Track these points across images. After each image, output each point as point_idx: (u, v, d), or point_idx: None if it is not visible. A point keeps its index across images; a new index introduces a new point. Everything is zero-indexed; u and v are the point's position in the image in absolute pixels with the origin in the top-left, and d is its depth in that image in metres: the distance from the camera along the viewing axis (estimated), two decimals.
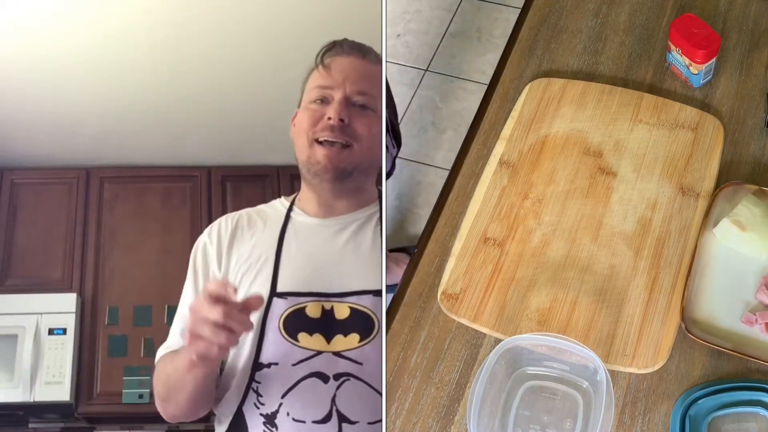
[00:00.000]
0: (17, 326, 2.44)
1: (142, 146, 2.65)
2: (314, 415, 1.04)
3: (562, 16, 1.54)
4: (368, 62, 1.18)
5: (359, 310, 1.08)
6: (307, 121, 1.14)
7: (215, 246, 1.16)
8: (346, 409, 1.05)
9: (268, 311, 1.09)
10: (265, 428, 1.06)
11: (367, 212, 1.17)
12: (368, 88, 1.16)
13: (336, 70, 1.15)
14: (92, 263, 2.63)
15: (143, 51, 2.13)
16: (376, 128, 1.17)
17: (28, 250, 2.63)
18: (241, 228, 1.18)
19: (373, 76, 1.18)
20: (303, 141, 1.14)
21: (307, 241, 1.15)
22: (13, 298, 2.50)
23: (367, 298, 1.09)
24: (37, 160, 2.70)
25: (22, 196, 2.70)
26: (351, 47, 1.17)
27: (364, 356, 1.06)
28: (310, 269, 1.12)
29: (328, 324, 1.08)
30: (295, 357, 1.06)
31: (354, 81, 1.14)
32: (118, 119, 2.46)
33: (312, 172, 1.14)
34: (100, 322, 2.56)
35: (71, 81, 2.26)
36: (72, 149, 2.66)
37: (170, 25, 2.04)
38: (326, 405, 1.05)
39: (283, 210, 1.19)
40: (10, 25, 2.02)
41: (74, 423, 2.55)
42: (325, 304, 1.09)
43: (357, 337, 1.07)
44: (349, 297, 1.09)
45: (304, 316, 1.08)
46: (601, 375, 1.04)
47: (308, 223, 1.17)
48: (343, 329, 1.07)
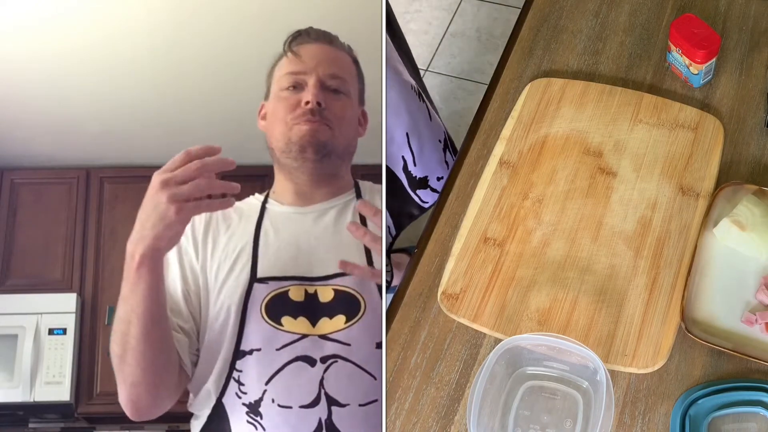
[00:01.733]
0: (17, 326, 2.45)
1: (142, 146, 2.65)
2: (301, 400, 1.01)
3: (562, 16, 1.54)
4: (336, 48, 1.17)
5: (344, 291, 1.06)
6: (282, 109, 1.12)
7: (191, 241, 1.13)
8: (336, 391, 1.02)
9: (248, 297, 1.06)
10: (248, 418, 1.02)
11: (344, 199, 1.16)
12: (340, 72, 1.15)
13: (306, 56, 1.14)
14: (92, 263, 2.63)
15: (143, 51, 2.13)
16: (351, 112, 1.16)
17: (28, 250, 2.64)
18: (215, 222, 1.15)
19: (342, 61, 1.17)
20: (281, 128, 1.12)
21: (285, 229, 1.13)
22: (13, 298, 2.50)
23: (350, 278, 1.06)
24: (37, 160, 2.71)
25: (22, 196, 2.70)
26: (317, 34, 1.17)
27: (351, 337, 1.04)
28: (291, 254, 1.10)
29: (312, 307, 1.05)
30: (279, 341, 1.03)
31: (326, 65, 1.14)
32: (118, 119, 2.46)
33: (293, 153, 1.11)
34: (100, 322, 2.56)
35: (71, 81, 2.26)
36: (72, 149, 2.66)
37: (170, 25, 2.04)
38: (314, 389, 1.02)
39: (258, 203, 1.17)
40: (10, 25, 2.02)
41: (74, 423, 2.56)
42: (308, 288, 1.06)
43: (343, 318, 1.04)
44: (333, 279, 1.07)
45: (287, 299, 1.05)
46: (601, 375, 1.04)
47: (284, 212, 1.15)
48: (329, 311, 1.05)
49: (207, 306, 1.09)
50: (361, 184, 1.20)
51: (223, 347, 1.06)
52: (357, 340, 1.04)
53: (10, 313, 2.47)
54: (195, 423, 1.09)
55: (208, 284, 1.10)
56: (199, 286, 1.10)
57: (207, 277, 1.10)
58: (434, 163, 1.80)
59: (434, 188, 1.84)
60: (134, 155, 2.70)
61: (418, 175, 1.76)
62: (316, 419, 1.01)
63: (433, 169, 1.80)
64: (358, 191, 1.17)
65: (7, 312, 2.47)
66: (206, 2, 1.99)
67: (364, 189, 1.19)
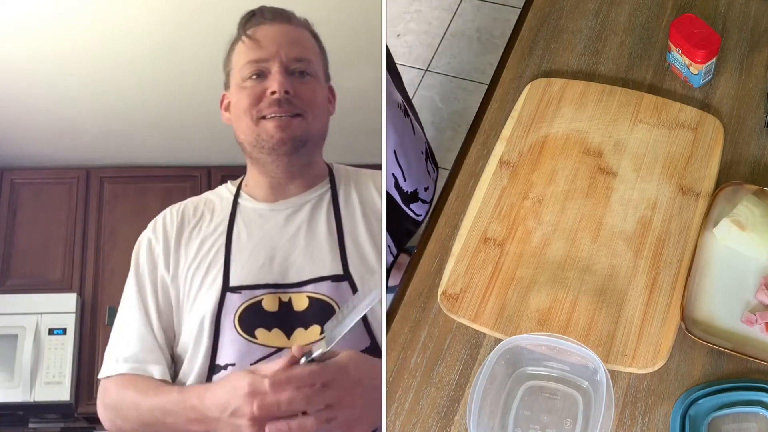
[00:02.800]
0: (17, 326, 2.44)
1: (142, 146, 2.65)
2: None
3: (562, 16, 1.54)
4: (295, 26, 1.10)
5: (318, 298, 1.01)
6: (246, 100, 1.06)
7: (161, 244, 1.10)
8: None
9: (221, 308, 1.02)
10: None
11: (318, 192, 1.11)
12: (303, 53, 1.08)
13: (265, 40, 1.07)
14: (92, 263, 2.63)
15: (143, 51, 2.13)
16: (321, 94, 1.10)
17: (28, 250, 2.63)
18: (187, 220, 1.11)
19: (304, 40, 1.10)
20: (246, 121, 1.06)
21: (258, 230, 1.08)
22: (13, 298, 2.50)
23: (325, 285, 1.02)
24: (37, 160, 2.71)
25: (22, 196, 2.70)
26: (273, 13, 1.09)
27: None
28: (263, 259, 1.05)
29: (286, 317, 1.01)
30: (253, 356, 0.99)
31: (288, 48, 1.06)
32: (118, 119, 2.46)
33: (266, 149, 1.06)
34: (100, 322, 2.56)
35: (71, 81, 2.26)
36: (72, 149, 2.66)
37: (170, 24, 2.04)
38: None
39: (230, 197, 1.12)
40: (10, 25, 2.02)
41: (74, 423, 2.55)
42: (282, 296, 1.02)
43: (318, 329, 1.00)
44: (307, 286, 1.02)
45: (260, 310, 1.01)
46: (601, 375, 1.04)
47: (258, 209, 1.10)
48: (303, 322, 1.00)
49: (180, 316, 1.07)
50: (335, 168, 1.14)
51: (199, 360, 1.02)
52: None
53: (10, 313, 2.47)
54: None
55: (180, 295, 1.07)
56: (170, 300, 1.07)
57: (179, 287, 1.07)
58: (420, 175, 1.79)
59: (423, 199, 1.83)
60: (134, 155, 2.70)
61: (409, 189, 1.75)
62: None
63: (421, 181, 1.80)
64: (332, 179, 1.12)
65: (7, 312, 2.47)
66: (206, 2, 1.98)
67: (339, 175, 1.14)
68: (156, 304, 1.07)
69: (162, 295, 1.08)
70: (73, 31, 2.06)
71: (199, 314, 1.03)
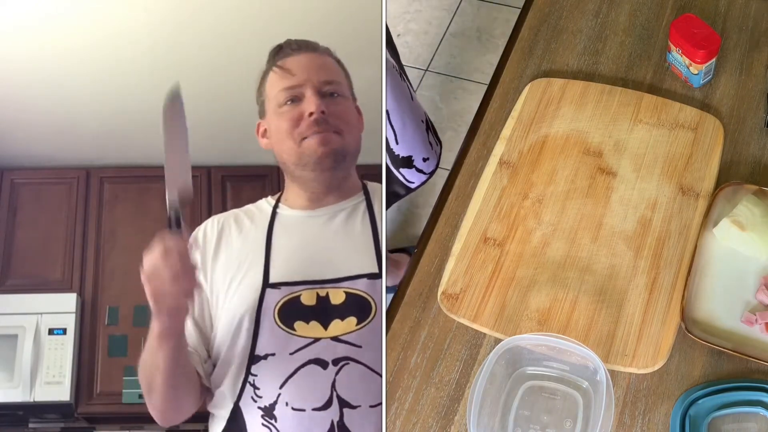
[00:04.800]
0: (17, 326, 2.44)
1: (142, 146, 2.65)
2: (314, 403, 1.03)
3: (562, 16, 1.54)
4: (320, 54, 1.17)
5: (355, 294, 1.07)
6: (286, 124, 1.12)
7: (200, 252, 1.15)
8: (347, 393, 1.03)
9: (262, 303, 1.08)
10: (263, 421, 1.05)
11: (353, 202, 1.17)
12: (332, 76, 1.15)
13: (295, 68, 1.14)
14: (92, 263, 2.63)
15: (143, 51, 2.13)
16: (352, 112, 1.17)
17: (28, 250, 2.63)
18: (228, 228, 1.17)
19: (330, 65, 1.17)
20: (289, 144, 1.12)
21: (296, 233, 1.14)
22: (13, 298, 2.50)
23: (361, 282, 1.08)
24: (37, 160, 2.70)
25: (22, 196, 2.70)
26: (299, 45, 1.17)
27: (362, 339, 1.05)
28: (302, 259, 1.11)
29: (324, 310, 1.07)
30: (292, 346, 1.05)
31: (317, 72, 1.14)
32: (118, 119, 2.46)
33: (310, 165, 1.12)
34: (100, 322, 2.56)
35: (71, 81, 2.26)
36: (72, 149, 2.66)
37: (170, 24, 2.04)
38: (326, 391, 1.03)
39: (269, 208, 1.18)
40: (10, 25, 2.02)
41: (74, 423, 2.56)
42: (319, 291, 1.08)
43: (354, 320, 1.06)
44: (344, 282, 1.08)
45: (299, 304, 1.07)
46: (601, 375, 1.04)
47: (295, 216, 1.16)
48: (340, 314, 1.06)
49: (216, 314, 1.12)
50: (369, 185, 1.21)
51: (237, 353, 1.08)
52: (367, 341, 1.05)
53: (10, 313, 2.47)
54: (212, 423, 1.12)
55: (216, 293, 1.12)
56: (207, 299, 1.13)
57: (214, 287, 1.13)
58: (418, 142, 1.79)
59: (420, 169, 1.83)
60: (134, 155, 2.70)
61: (402, 153, 1.75)
62: (329, 421, 1.03)
63: (418, 149, 1.79)
64: (366, 193, 1.18)
65: (7, 312, 2.47)
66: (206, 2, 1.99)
67: (373, 190, 1.20)
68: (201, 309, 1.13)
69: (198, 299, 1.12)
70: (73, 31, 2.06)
71: (239, 308, 1.09)
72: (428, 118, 1.86)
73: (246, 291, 1.09)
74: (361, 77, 1.25)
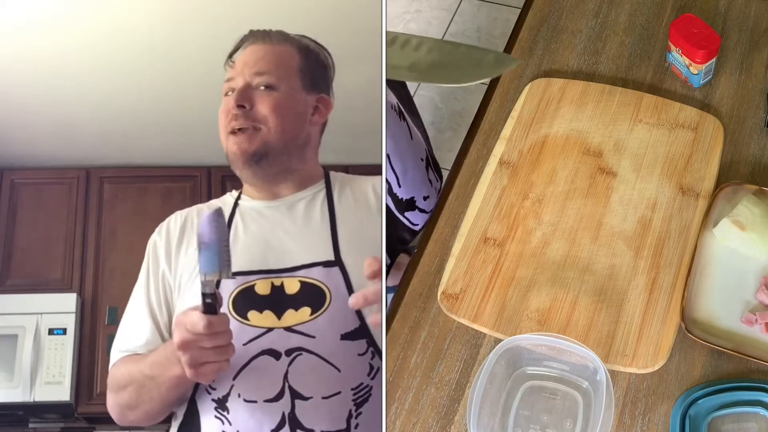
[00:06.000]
0: (17, 326, 2.44)
1: (142, 146, 2.65)
2: (266, 394, 1.02)
3: (562, 16, 1.54)
4: (269, 45, 1.16)
5: (309, 282, 1.06)
6: (221, 116, 1.14)
7: (164, 243, 1.16)
8: (299, 384, 1.02)
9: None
10: (216, 413, 1.03)
11: (312, 191, 1.16)
12: (266, 68, 1.14)
13: (238, 62, 1.15)
14: (92, 263, 2.63)
15: (143, 51, 2.13)
16: (285, 104, 1.14)
17: (28, 250, 2.63)
18: (190, 221, 1.17)
19: (275, 55, 1.15)
20: (222, 136, 1.14)
21: (254, 223, 1.14)
22: (13, 298, 2.50)
23: (316, 270, 1.07)
24: (37, 160, 2.71)
25: (22, 196, 2.70)
26: (255, 36, 1.17)
27: (316, 329, 1.04)
28: (258, 248, 1.11)
29: (278, 300, 1.06)
30: (245, 336, 1.04)
31: (252, 65, 1.13)
32: (118, 119, 2.46)
33: (232, 163, 1.13)
34: (100, 322, 2.56)
35: (71, 81, 2.26)
36: (72, 149, 2.66)
37: (170, 24, 2.04)
38: (278, 382, 1.02)
39: (232, 200, 1.19)
40: (10, 25, 2.02)
41: (74, 423, 2.56)
42: (274, 281, 1.07)
43: (308, 310, 1.04)
44: (299, 271, 1.07)
45: (253, 294, 1.06)
46: (601, 375, 1.04)
47: (255, 207, 1.16)
48: (294, 303, 1.05)
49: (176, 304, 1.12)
50: (332, 174, 1.19)
51: None
52: (322, 332, 1.03)
53: (10, 313, 2.47)
54: (174, 422, 1.10)
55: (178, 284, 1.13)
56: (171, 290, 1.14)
57: (176, 277, 1.13)
58: (418, 182, 1.78)
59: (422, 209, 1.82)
60: (134, 155, 2.70)
61: (404, 196, 1.74)
62: (280, 413, 1.01)
63: (418, 188, 1.78)
64: (327, 182, 1.17)
65: (7, 312, 2.47)
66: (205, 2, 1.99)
67: (335, 178, 1.18)
68: (159, 299, 1.14)
69: (163, 288, 1.14)
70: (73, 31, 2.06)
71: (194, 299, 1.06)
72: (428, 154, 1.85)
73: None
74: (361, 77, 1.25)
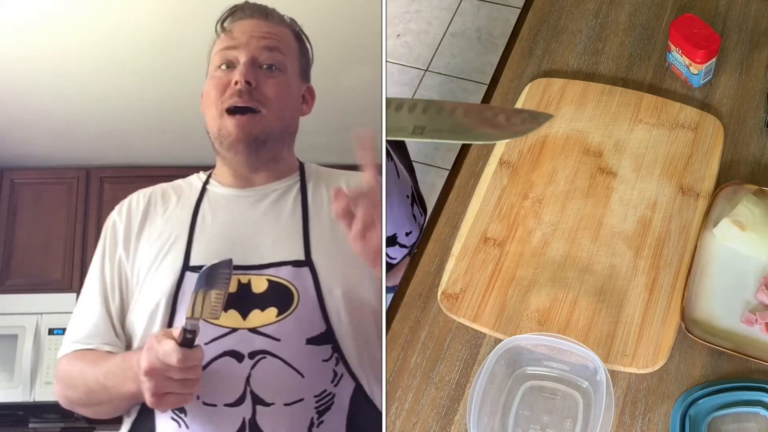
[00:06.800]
0: (17, 326, 2.44)
1: (142, 146, 2.65)
2: (226, 398, 0.97)
3: (562, 16, 1.54)
4: (272, 23, 1.11)
5: (277, 282, 1.01)
6: (213, 90, 1.07)
7: (124, 225, 1.10)
8: (261, 389, 0.97)
9: (179, 287, 1.01)
10: (173, 414, 0.98)
11: (286, 183, 1.11)
12: (274, 45, 1.09)
13: (238, 32, 1.09)
14: None
15: (143, 50, 2.13)
16: (287, 89, 1.10)
17: (28, 250, 2.63)
18: (154, 204, 1.11)
19: (280, 35, 1.11)
20: (213, 112, 1.07)
21: (222, 213, 1.09)
22: (13, 298, 2.50)
23: (285, 269, 1.02)
24: (37, 160, 2.70)
25: (22, 196, 2.70)
26: (252, 9, 1.11)
27: (281, 332, 0.99)
28: (226, 241, 1.05)
29: (244, 298, 1.01)
30: (207, 335, 0.98)
31: (258, 39, 1.07)
32: (118, 119, 2.46)
33: (225, 145, 1.07)
34: None
35: (71, 81, 2.26)
36: (72, 149, 2.66)
37: (170, 24, 2.04)
38: (240, 386, 0.97)
39: (200, 183, 1.13)
40: (10, 25, 2.02)
41: (74, 423, 2.55)
42: (241, 278, 1.01)
43: (275, 311, 0.99)
44: (268, 269, 1.02)
45: None
46: (601, 375, 1.04)
47: (224, 194, 1.11)
48: (260, 303, 1.00)
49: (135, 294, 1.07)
50: (307, 166, 1.14)
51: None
52: (287, 335, 0.99)
53: (10, 313, 2.47)
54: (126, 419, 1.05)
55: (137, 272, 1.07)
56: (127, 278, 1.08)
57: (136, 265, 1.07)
58: (403, 218, 1.77)
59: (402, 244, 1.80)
60: (134, 155, 2.70)
61: (387, 234, 1.73)
62: (240, 419, 0.96)
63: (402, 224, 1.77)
64: (302, 174, 1.13)
65: (7, 312, 2.47)
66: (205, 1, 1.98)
67: (310, 171, 1.14)
68: (113, 285, 1.08)
69: (119, 275, 1.08)
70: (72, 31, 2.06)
71: (157, 291, 1.03)
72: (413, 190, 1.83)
73: (165, 273, 1.04)
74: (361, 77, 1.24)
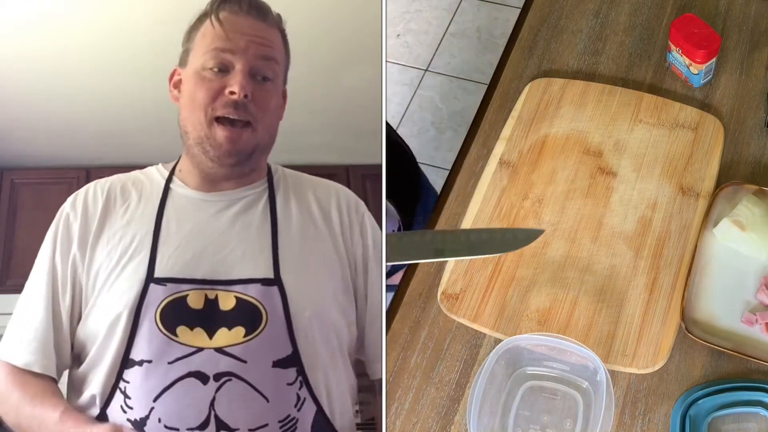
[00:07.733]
0: None
1: (142, 146, 2.64)
2: (190, 422, 0.92)
3: (562, 16, 1.54)
4: (268, 25, 1.04)
5: (246, 300, 0.96)
6: (204, 93, 1.00)
7: (80, 223, 1.04)
8: (226, 414, 0.93)
9: (143, 300, 0.95)
10: None
11: (255, 190, 1.06)
12: (271, 54, 1.03)
13: (235, 31, 1.01)
14: None
15: (143, 50, 2.13)
16: (275, 100, 1.04)
17: (29, 250, 2.62)
18: (113, 201, 1.05)
19: (274, 40, 1.04)
20: (200, 117, 1.00)
21: (188, 219, 1.02)
22: (13, 298, 2.48)
23: (254, 287, 0.97)
24: (37, 160, 2.70)
25: (22, 196, 2.70)
26: (249, 5, 1.03)
27: (248, 353, 0.94)
28: (192, 252, 0.99)
29: (211, 315, 0.95)
30: (172, 354, 0.93)
31: (257, 47, 1.01)
32: (118, 119, 2.45)
33: (211, 155, 1.01)
34: None
35: (71, 81, 2.26)
36: (72, 149, 2.66)
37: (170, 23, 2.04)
38: (204, 409, 0.92)
39: (161, 181, 1.06)
40: (10, 25, 2.02)
41: None
42: (208, 293, 0.96)
43: (242, 330, 0.95)
44: (236, 285, 0.97)
45: (185, 306, 0.96)
46: (601, 375, 1.04)
47: (189, 197, 1.04)
48: (228, 321, 0.95)
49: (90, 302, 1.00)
50: (274, 170, 1.09)
51: (110, 353, 0.96)
52: (254, 357, 0.95)
53: (11, 314, 2.47)
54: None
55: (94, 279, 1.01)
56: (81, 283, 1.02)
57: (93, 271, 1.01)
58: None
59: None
60: (134, 155, 2.69)
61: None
62: None
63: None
64: (270, 181, 1.08)
65: (7, 312, 2.46)
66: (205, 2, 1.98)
67: (278, 178, 1.09)
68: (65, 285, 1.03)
69: (72, 275, 1.03)
70: (72, 31, 2.06)
71: (117, 302, 0.97)
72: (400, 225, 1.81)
73: (127, 282, 0.97)
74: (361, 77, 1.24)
